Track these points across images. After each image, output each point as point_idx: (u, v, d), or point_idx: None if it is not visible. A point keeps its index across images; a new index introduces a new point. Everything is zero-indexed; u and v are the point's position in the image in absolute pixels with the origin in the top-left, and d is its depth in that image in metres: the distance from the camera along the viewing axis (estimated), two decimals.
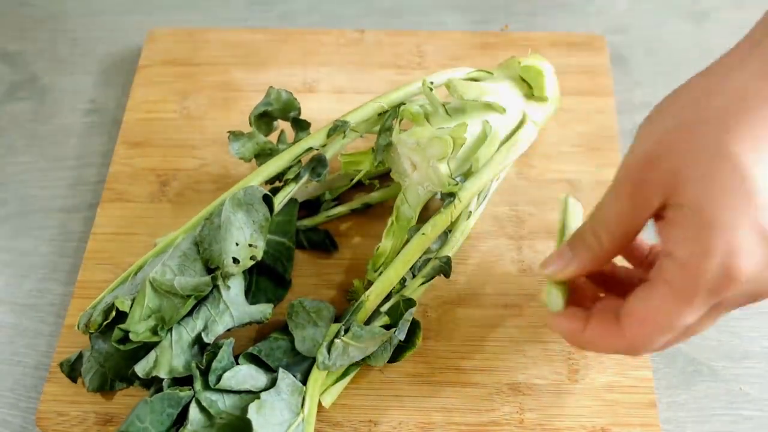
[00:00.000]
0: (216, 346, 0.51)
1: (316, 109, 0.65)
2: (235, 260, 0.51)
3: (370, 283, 0.54)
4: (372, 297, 0.53)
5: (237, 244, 0.51)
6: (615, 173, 0.42)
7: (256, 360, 0.52)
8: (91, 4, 0.79)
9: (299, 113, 0.59)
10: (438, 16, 0.77)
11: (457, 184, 0.54)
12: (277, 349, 0.52)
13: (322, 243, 0.60)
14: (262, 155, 0.58)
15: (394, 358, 0.53)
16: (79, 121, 0.71)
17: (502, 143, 0.56)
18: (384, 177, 0.61)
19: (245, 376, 0.50)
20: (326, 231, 0.60)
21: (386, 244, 0.56)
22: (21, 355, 0.59)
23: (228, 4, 0.79)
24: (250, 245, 0.52)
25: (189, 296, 0.51)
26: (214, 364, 0.50)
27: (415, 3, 0.78)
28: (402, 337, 0.52)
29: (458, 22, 0.76)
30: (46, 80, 0.74)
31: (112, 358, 0.52)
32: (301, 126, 0.59)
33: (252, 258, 0.52)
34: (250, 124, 0.58)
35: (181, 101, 0.69)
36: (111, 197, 0.64)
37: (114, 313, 0.51)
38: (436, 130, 0.54)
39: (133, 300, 0.52)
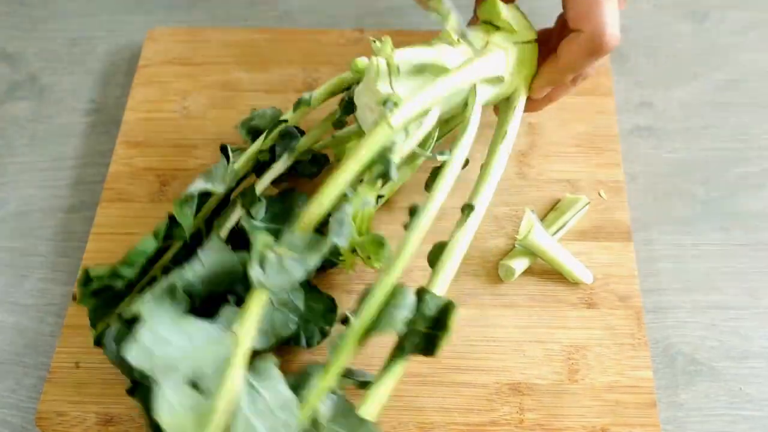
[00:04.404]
0: None
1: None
2: None
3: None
4: (314, 207, 0.46)
5: None
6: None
7: None
8: (91, 4, 0.79)
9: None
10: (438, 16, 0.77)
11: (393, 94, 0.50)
12: None
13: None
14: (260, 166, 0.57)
15: (431, 350, 0.46)
16: (79, 120, 0.71)
17: (463, 65, 0.53)
18: None
19: None
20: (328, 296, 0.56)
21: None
22: (21, 355, 0.59)
23: (228, 3, 0.79)
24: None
25: None
26: None
27: (414, 3, 0.78)
28: (340, 241, 0.46)
29: None
30: (46, 80, 0.74)
31: None
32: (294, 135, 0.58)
33: None
34: (243, 137, 0.57)
35: (181, 101, 0.69)
36: (111, 197, 0.64)
37: None
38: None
39: None
